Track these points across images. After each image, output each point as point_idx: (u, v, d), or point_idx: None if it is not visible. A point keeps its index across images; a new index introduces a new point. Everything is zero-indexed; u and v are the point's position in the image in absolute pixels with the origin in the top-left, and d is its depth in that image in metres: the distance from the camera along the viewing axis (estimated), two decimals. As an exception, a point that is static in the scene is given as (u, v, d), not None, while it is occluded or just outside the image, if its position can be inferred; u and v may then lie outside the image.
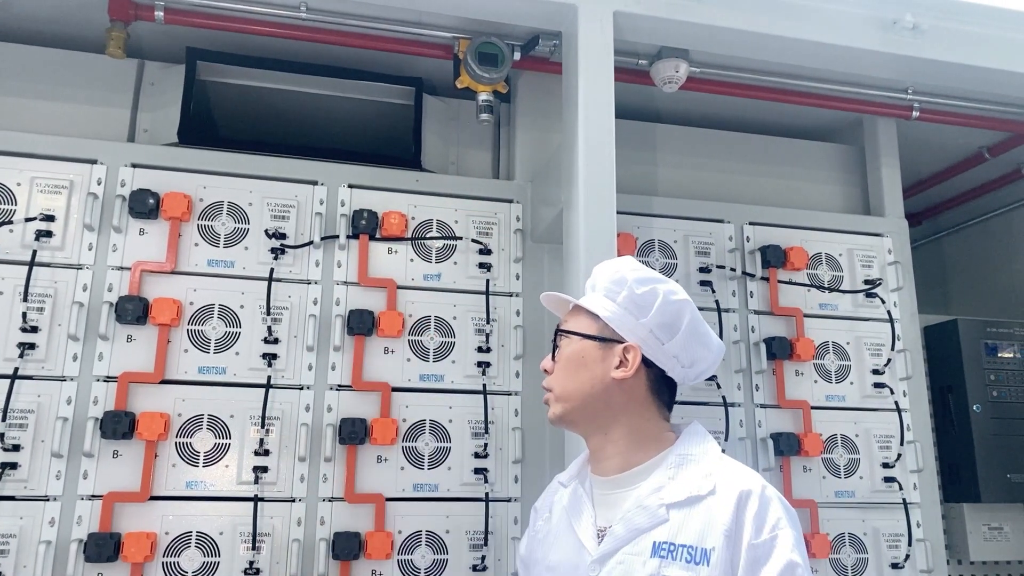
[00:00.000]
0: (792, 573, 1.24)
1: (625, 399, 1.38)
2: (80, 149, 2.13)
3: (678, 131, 2.73)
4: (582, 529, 1.38)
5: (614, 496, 1.37)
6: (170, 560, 1.94)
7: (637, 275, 1.40)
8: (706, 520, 1.27)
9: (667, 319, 1.38)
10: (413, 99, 2.46)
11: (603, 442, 1.40)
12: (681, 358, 1.40)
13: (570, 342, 1.42)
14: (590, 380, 1.38)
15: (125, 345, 2.03)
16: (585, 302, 1.43)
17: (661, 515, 1.29)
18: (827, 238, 2.62)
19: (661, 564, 1.26)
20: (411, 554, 2.08)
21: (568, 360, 1.41)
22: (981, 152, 3.01)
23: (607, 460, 1.40)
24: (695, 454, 1.36)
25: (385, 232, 2.24)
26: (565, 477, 1.49)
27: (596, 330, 1.40)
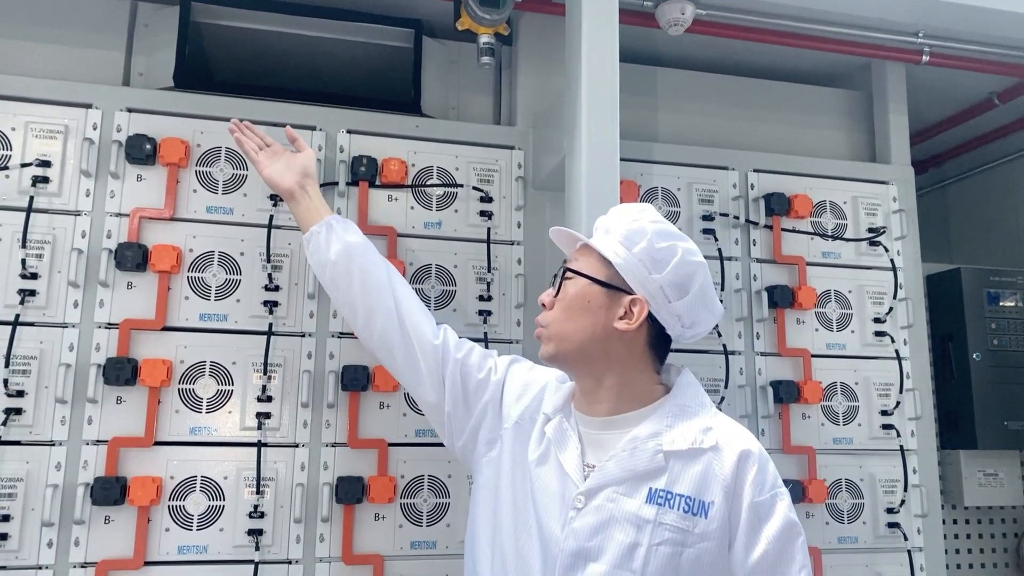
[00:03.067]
0: (792, 531, 1.28)
1: (622, 350, 1.38)
2: (75, 93, 2.09)
3: (681, 75, 2.67)
4: (568, 461, 1.37)
5: (603, 436, 1.38)
6: (176, 504, 1.97)
7: (658, 228, 1.38)
8: (705, 474, 1.29)
9: (680, 279, 1.37)
10: (412, 42, 2.41)
11: (594, 386, 1.40)
12: (684, 318, 1.39)
13: (576, 283, 1.40)
14: (591, 325, 1.37)
15: (125, 292, 2.03)
16: (600, 245, 1.40)
17: (659, 461, 1.31)
18: (832, 185, 2.59)
19: (659, 511, 1.27)
20: (413, 498, 2.11)
21: (572, 301, 1.39)
22: (991, 98, 2.96)
23: (597, 404, 1.40)
24: (691, 406, 1.37)
25: (385, 179, 2.22)
26: (550, 408, 1.47)
27: (605, 276, 1.38)
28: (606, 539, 1.28)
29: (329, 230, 1.69)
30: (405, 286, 1.67)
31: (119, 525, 1.93)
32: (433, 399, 1.58)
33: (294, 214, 1.79)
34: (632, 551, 1.26)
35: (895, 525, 2.39)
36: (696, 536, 1.26)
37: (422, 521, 2.10)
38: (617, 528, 1.28)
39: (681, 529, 1.27)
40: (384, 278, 1.64)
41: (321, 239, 1.69)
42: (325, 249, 1.68)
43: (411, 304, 1.63)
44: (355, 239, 1.68)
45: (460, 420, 1.56)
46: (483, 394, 1.55)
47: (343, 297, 1.67)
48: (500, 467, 1.47)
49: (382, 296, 1.62)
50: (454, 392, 1.55)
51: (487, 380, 1.56)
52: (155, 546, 1.94)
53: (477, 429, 1.54)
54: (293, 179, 1.78)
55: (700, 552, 1.26)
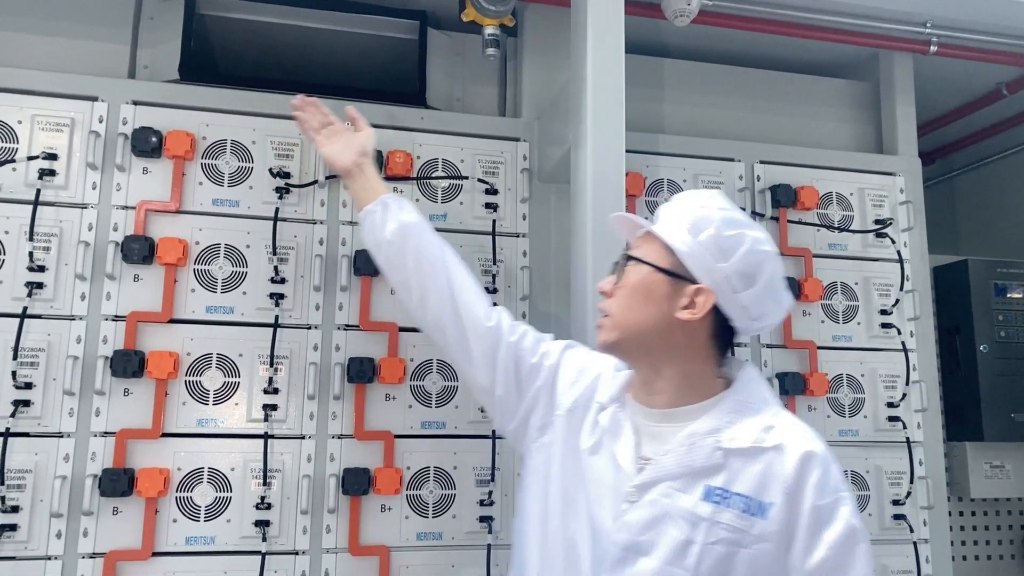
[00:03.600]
0: (854, 538, 1.22)
1: (685, 341, 1.33)
2: (80, 86, 2.10)
3: (687, 66, 2.66)
4: (621, 452, 1.33)
5: (661, 429, 1.33)
6: (183, 495, 1.98)
7: (726, 215, 1.33)
8: (765, 473, 1.24)
9: (748, 268, 1.31)
10: (417, 33, 2.40)
11: (653, 377, 1.36)
12: (751, 310, 1.33)
13: (638, 270, 1.35)
14: (653, 315, 1.32)
15: (132, 284, 2.04)
16: (663, 232, 1.35)
17: (717, 458, 1.26)
18: (838, 177, 2.58)
19: (715, 510, 1.24)
20: (419, 489, 2.11)
21: (633, 289, 1.34)
22: (999, 88, 2.94)
23: (656, 395, 1.36)
24: (753, 402, 1.32)
25: (390, 171, 2.22)
26: (604, 397, 1.42)
27: (669, 264, 1.33)
28: (659, 534, 1.25)
29: (385, 209, 1.66)
30: (460, 266, 1.63)
31: (127, 516, 1.94)
32: (484, 381, 1.54)
33: (351, 192, 1.78)
34: (685, 548, 1.23)
35: (901, 517, 2.39)
36: (753, 537, 1.22)
37: (428, 512, 2.11)
38: (671, 524, 1.25)
39: (738, 529, 1.23)
40: (438, 258, 1.61)
41: (376, 218, 1.66)
42: (380, 228, 1.65)
43: (465, 284, 1.59)
44: (410, 218, 1.65)
45: (512, 404, 1.52)
46: (536, 379, 1.51)
47: (397, 276, 1.64)
48: (551, 454, 1.43)
49: (436, 276, 1.58)
50: (506, 375, 1.52)
51: (540, 364, 1.52)
52: (163, 537, 1.95)
53: (529, 414, 1.50)
54: (350, 158, 1.77)
55: (757, 554, 1.22)
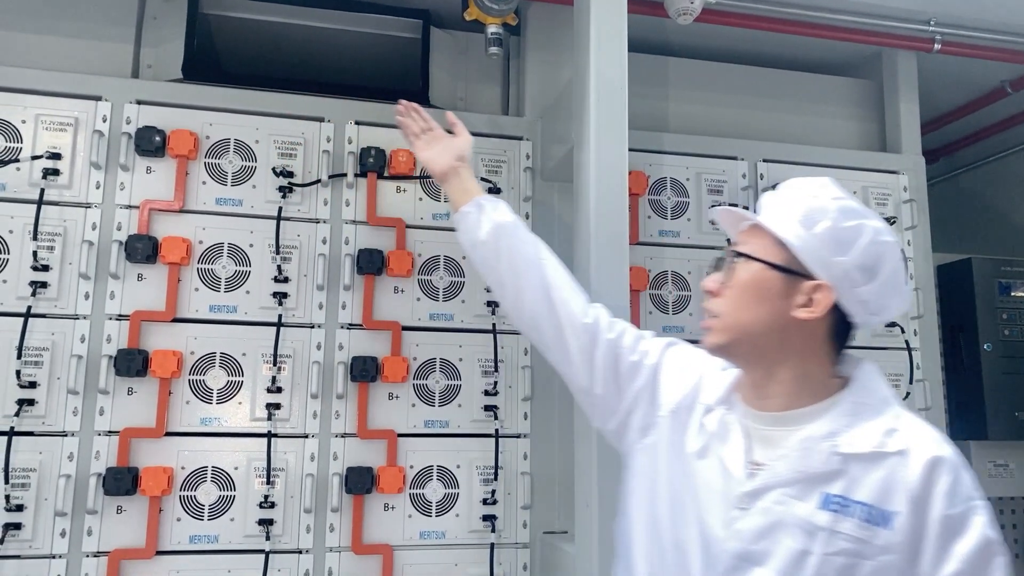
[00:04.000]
0: (989, 551, 1.13)
1: (801, 341, 1.25)
2: (84, 85, 2.10)
3: (690, 65, 2.66)
4: (730, 457, 1.27)
5: (773, 432, 1.26)
6: (187, 494, 1.99)
7: (842, 205, 1.25)
8: (888, 480, 1.17)
9: (869, 261, 1.23)
10: (420, 32, 2.40)
11: (765, 379, 1.28)
12: (871, 304, 1.26)
13: (748, 267, 1.27)
14: (767, 314, 1.24)
15: (136, 283, 2.04)
16: (774, 226, 1.26)
17: (834, 463, 1.19)
18: (842, 175, 2.57)
19: (833, 518, 1.16)
20: (423, 488, 2.12)
21: (745, 287, 1.27)
22: (1003, 87, 2.93)
23: (768, 398, 1.28)
24: (873, 403, 1.24)
25: (393, 170, 2.22)
26: (711, 398, 1.35)
27: (782, 260, 1.24)
28: (773, 544, 1.18)
29: (480, 210, 1.65)
30: (556, 264, 1.59)
31: (131, 515, 1.94)
32: (583, 380, 1.49)
33: (447, 194, 1.79)
34: (802, 559, 1.16)
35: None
36: (877, 548, 1.14)
37: (431, 511, 2.11)
38: (785, 533, 1.18)
39: (859, 539, 1.15)
40: (533, 257, 1.58)
41: (471, 219, 1.65)
42: (475, 229, 1.64)
43: (560, 282, 1.55)
44: (505, 218, 1.63)
45: (611, 403, 1.47)
46: (636, 378, 1.45)
47: (492, 276, 1.63)
48: (656, 456, 1.37)
49: (530, 275, 1.56)
50: (605, 374, 1.46)
51: (640, 363, 1.45)
52: (167, 536, 1.96)
53: (630, 414, 1.44)
54: (447, 162, 1.77)
55: (880, 566, 1.14)
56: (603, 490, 1.73)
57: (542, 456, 2.20)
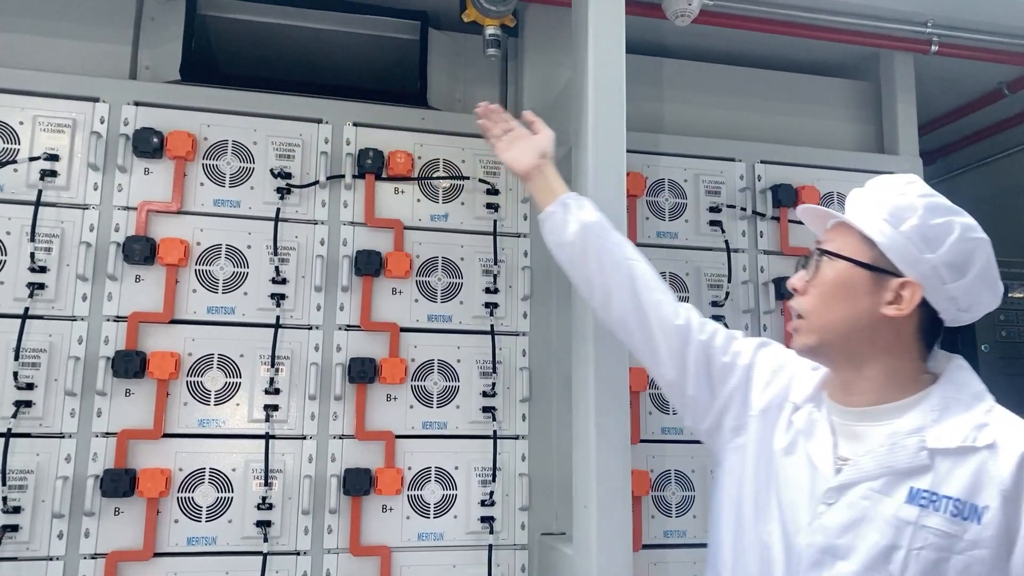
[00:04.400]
0: None
1: (890, 338, 1.25)
2: (82, 87, 2.10)
3: (687, 66, 2.66)
4: (817, 452, 1.28)
5: (860, 428, 1.27)
6: (185, 495, 1.98)
7: (930, 202, 1.26)
8: (978, 475, 1.16)
9: (958, 258, 1.24)
10: (419, 34, 2.40)
11: (854, 377, 1.28)
12: (960, 300, 1.26)
13: (834, 266, 1.28)
14: (855, 313, 1.25)
15: (134, 285, 2.04)
16: (861, 223, 1.27)
17: (922, 459, 1.19)
18: (840, 177, 2.58)
19: (921, 513, 1.16)
20: (421, 489, 2.11)
21: (832, 286, 1.27)
22: (1000, 88, 2.93)
23: (856, 394, 1.28)
24: (963, 399, 1.24)
25: (391, 171, 2.22)
26: (799, 397, 1.36)
27: (870, 258, 1.25)
28: (858, 538, 1.19)
29: (565, 210, 1.63)
30: (644, 264, 1.58)
31: (129, 517, 1.94)
32: (675, 381, 1.49)
33: (531, 194, 1.77)
34: (889, 553, 1.16)
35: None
36: (966, 543, 1.14)
37: (429, 513, 2.11)
38: (871, 528, 1.18)
39: (948, 534, 1.14)
40: (621, 257, 1.57)
41: (557, 219, 1.63)
42: (562, 229, 1.62)
43: (650, 283, 1.54)
44: (591, 217, 1.61)
45: (704, 403, 1.47)
46: (729, 378, 1.45)
47: (580, 276, 1.61)
48: (745, 455, 1.39)
49: (619, 276, 1.55)
50: (697, 374, 1.46)
51: (733, 364, 1.45)
52: (164, 537, 1.95)
53: (722, 414, 1.45)
54: (529, 161, 1.74)
55: (971, 560, 1.13)
56: (601, 492, 1.72)
57: (540, 457, 2.20)
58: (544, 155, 1.75)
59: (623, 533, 1.73)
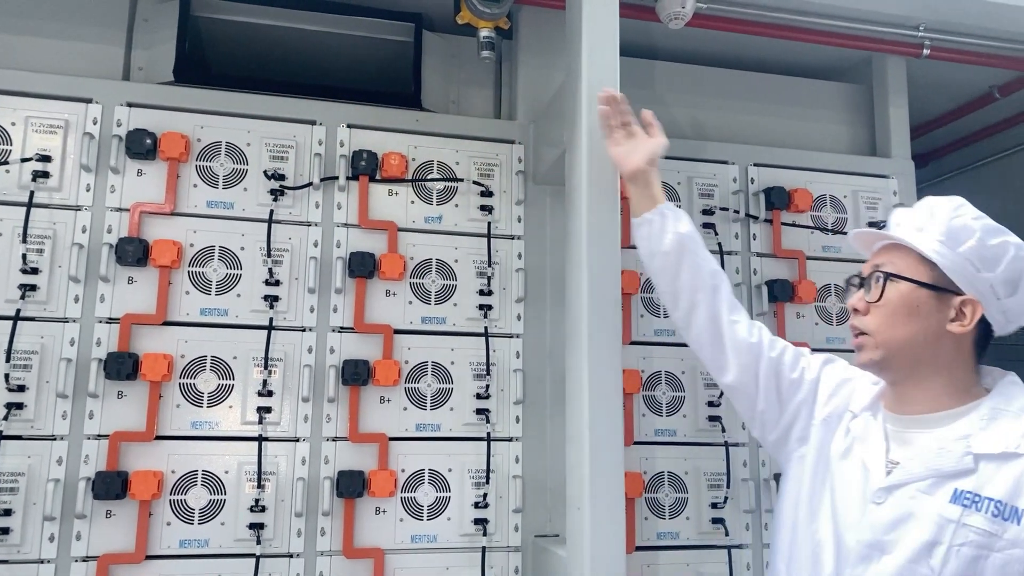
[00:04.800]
0: None
1: (951, 352, 1.35)
2: (74, 88, 2.09)
3: (679, 69, 2.66)
4: (869, 456, 1.38)
5: (911, 434, 1.37)
6: (177, 498, 1.98)
7: (984, 224, 1.37)
8: (1020, 479, 1.24)
9: (1013, 275, 1.34)
10: (413, 36, 2.40)
11: (912, 388, 1.38)
12: (1010, 313, 1.37)
13: (897, 285, 1.37)
14: (921, 331, 1.35)
15: (126, 287, 2.03)
16: (921, 246, 1.36)
17: (966, 463, 1.27)
18: (832, 179, 2.59)
19: (963, 512, 1.24)
20: (414, 492, 2.11)
21: (898, 306, 1.36)
22: (991, 92, 2.95)
23: (912, 403, 1.39)
24: (1011, 410, 1.32)
25: (385, 173, 2.22)
26: (858, 407, 1.48)
27: (930, 278, 1.35)
28: (903, 534, 1.28)
29: (663, 219, 1.66)
30: (726, 283, 1.66)
31: (120, 519, 1.93)
32: (744, 394, 1.59)
33: (630, 196, 1.75)
34: (930, 549, 1.25)
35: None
36: (1006, 542, 1.22)
37: (423, 515, 2.11)
38: (915, 525, 1.28)
39: (988, 533, 1.23)
40: (708, 274, 1.64)
41: (654, 227, 1.67)
42: (658, 238, 1.66)
43: (730, 303, 1.63)
44: (687, 229, 1.66)
45: (773, 416, 1.57)
46: (797, 393, 1.56)
47: (668, 287, 1.67)
48: (805, 462, 1.50)
49: (705, 293, 1.62)
50: (767, 389, 1.57)
51: (801, 379, 1.56)
52: (156, 540, 1.95)
53: (790, 426, 1.56)
54: (637, 163, 1.72)
55: (1009, 559, 1.22)
56: (595, 493, 1.73)
57: (534, 459, 2.20)
58: (653, 161, 1.74)
59: (616, 535, 1.73)
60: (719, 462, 2.29)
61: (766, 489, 2.30)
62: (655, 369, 2.30)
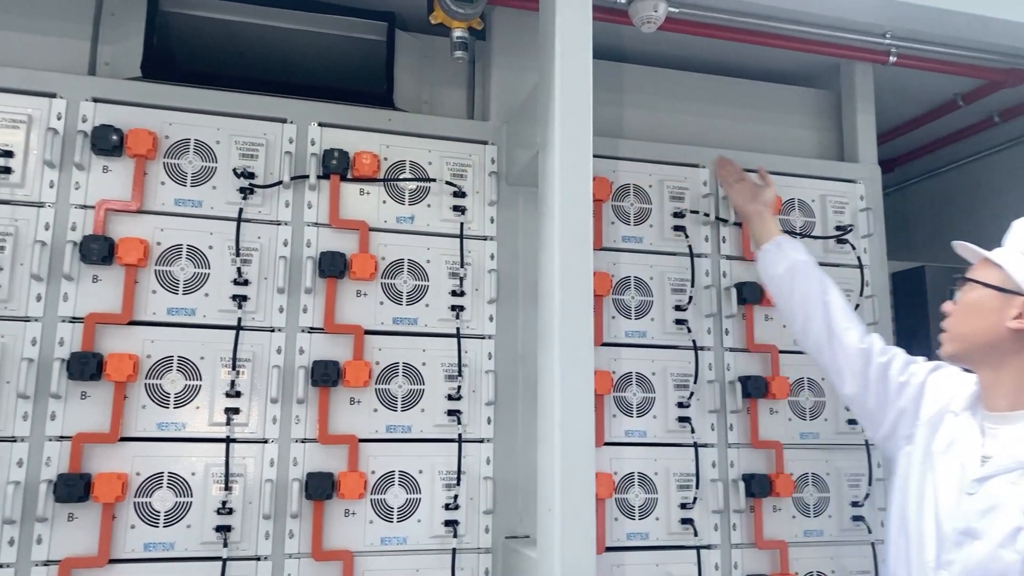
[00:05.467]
0: None
1: (1015, 346, 1.53)
2: (38, 82, 2.05)
3: (648, 72, 2.68)
4: (966, 451, 1.56)
5: (1000, 429, 1.55)
6: (142, 500, 1.94)
7: None
8: None
9: None
10: (385, 35, 2.39)
11: (993, 380, 1.58)
12: None
13: (972, 289, 1.61)
14: (983, 326, 1.56)
15: (91, 285, 1.99)
16: (993, 254, 1.59)
17: None
18: (801, 184, 2.62)
19: None
20: (384, 494, 2.10)
21: (966, 306, 1.61)
22: (955, 99, 3.01)
23: (997, 398, 1.57)
24: None
25: (357, 173, 2.21)
26: (957, 407, 1.65)
27: (999, 281, 1.56)
28: (991, 522, 1.44)
29: (778, 248, 2.06)
30: (838, 298, 1.95)
31: (83, 522, 1.89)
32: (856, 395, 1.83)
33: (751, 231, 2.25)
34: (1016, 534, 1.40)
35: (860, 519, 2.43)
36: None
37: (393, 517, 2.09)
38: (1002, 512, 1.43)
39: None
40: (818, 293, 1.94)
41: (772, 256, 2.07)
42: (773, 265, 2.05)
43: (841, 315, 1.90)
44: (799, 257, 2.03)
45: (881, 415, 1.79)
46: (903, 394, 1.76)
47: (784, 305, 2.04)
48: (911, 459, 1.68)
49: (815, 308, 1.93)
50: (876, 390, 1.79)
51: (907, 383, 1.76)
52: (120, 543, 1.91)
53: (896, 425, 1.76)
54: (753, 206, 2.23)
55: None
56: (565, 495, 1.73)
57: (505, 461, 2.20)
58: (767, 203, 2.24)
59: (587, 536, 1.74)
60: (688, 463, 2.30)
61: (734, 489, 2.32)
62: (625, 370, 2.32)
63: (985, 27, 2.37)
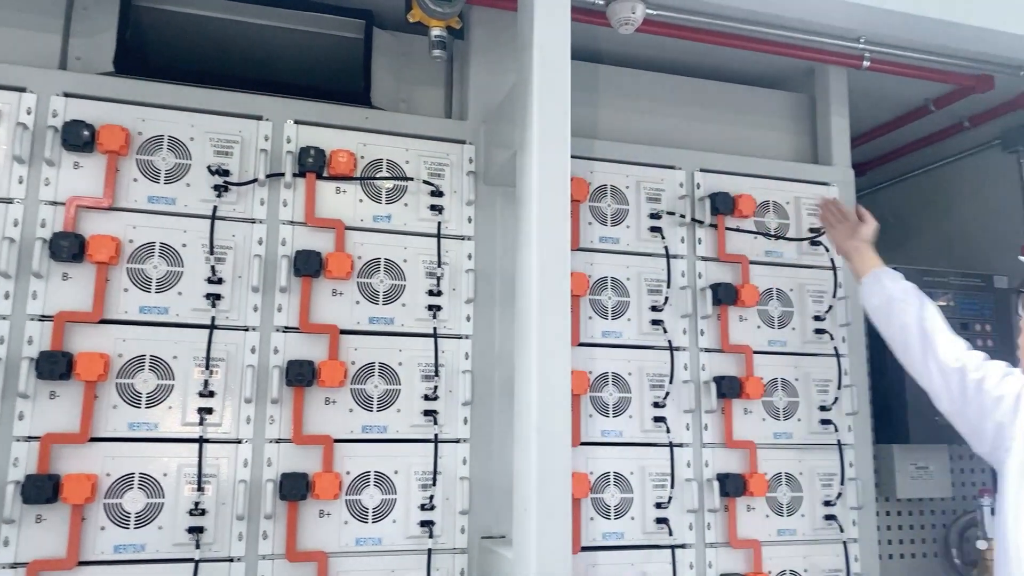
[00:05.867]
0: None
1: None
2: (7, 76, 2.01)
3: (624, 73, 2.69)
4: None
5: None
6: (112, 501, 1.91)
7: None
8: None
9: None
10: (363, 32, 2.38)
11: None
12: None
13: None
14: None
15: (60, 283, 1.96)
16: None
17: None
18: (775, 186, 2.65)
19: None
20: (359, 494, 2.09)
21: None
22: (926, 104, 3.06)
23: None
24: None
25: (333, 171, 2.19)
26: None
27: None
28: None
29: (876, 280, 2.19)
30: (935, 322, 2.03)
31: (51, 524, 1.86)
32: (955, 411, 1.91)
33: (851, 265, 2.36)
34: None
35: (832, 517, 2.46)
36: None
37: (368, 517, 2.08)
38: None
39: None
40: (916, 318, 2.04)
41: (870, 287, 2.20)
42: (871, 296, 2.19)
43: (936, 336, 2.00)
44: (894, 288, 2.15)
45: (980, 430, 1.84)
46: (1000, 407, 1.80)
47: (885, 332, 2.16)
48: (1010, 470, 1.73)
49: (913, 334, 2.04)
50: (974, 406, 1.86)
51: (1003, 396, 1.80)
52: (90, 545, 1.88)
53: (996, 438, 1.80)
54: (853, 243, 2.35)
55: None
56: (541, 495, 1.73)
57: (481, 461, 2.20)
58: (865, 240, 2.34)
59: (563, 536, 1.74)
60: (664, 462, 2.32)
61: (709, 489, 2.34)
62: (602, 370, 2.32)
63: (957, 33, 2.41)
